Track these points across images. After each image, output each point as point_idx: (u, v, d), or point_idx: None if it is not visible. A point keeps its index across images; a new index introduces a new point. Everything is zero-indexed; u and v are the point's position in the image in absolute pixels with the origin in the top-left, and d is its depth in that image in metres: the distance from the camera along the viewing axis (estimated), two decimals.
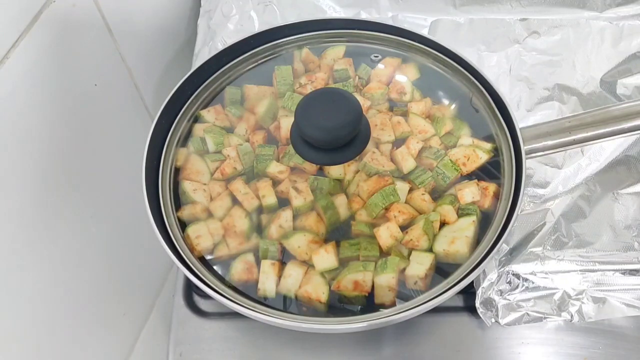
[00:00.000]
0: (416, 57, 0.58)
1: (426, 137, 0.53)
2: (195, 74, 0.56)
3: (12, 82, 0.50)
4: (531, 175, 0.60)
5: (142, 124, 0.73)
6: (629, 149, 0.62)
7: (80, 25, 0.58)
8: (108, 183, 0.68)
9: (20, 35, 0.50)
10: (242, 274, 0.48)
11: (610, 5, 0.75)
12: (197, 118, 0.56)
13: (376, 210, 0.49)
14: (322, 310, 0.47)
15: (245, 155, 0.53)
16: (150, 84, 0.74)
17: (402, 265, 0.47)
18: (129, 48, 0.67)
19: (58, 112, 0.57)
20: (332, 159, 0.48)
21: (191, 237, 0.50)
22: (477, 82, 0.55)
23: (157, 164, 0.53)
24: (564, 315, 0.53)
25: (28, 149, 0.54)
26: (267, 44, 0.59)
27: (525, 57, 0.70)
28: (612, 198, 0.59)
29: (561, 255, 0.55)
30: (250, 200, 0.50)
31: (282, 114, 0.55)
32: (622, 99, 0.66)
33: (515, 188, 0.49)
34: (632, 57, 0.69)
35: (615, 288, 0.54)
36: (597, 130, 0.52)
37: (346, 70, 0.57)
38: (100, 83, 0.63)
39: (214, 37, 0.75)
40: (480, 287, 0.54)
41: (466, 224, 0.48)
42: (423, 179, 0.51)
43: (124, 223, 0.73)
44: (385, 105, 0.56)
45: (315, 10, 0.77)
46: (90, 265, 0.67)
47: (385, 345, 0.56)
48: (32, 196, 0.55)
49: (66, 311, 0.64)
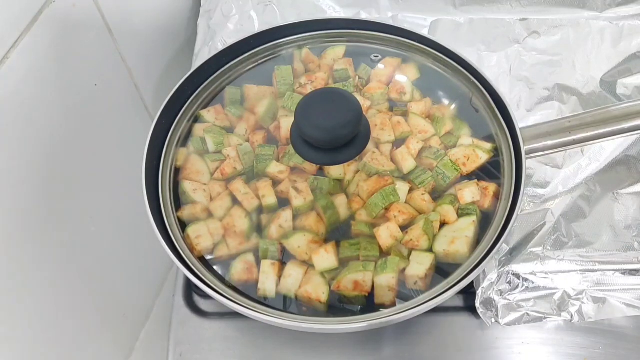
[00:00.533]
0: (416, 57, 0.58)
1: (426, 137, 0.53)
2: (195, 74, 0.56)
3: (12, 82, 0.50)
4: (531, 175, 0.60)
5: (142, 124, 0.73)
6: (629, 149, 0.62)
7: (80, 25, 0.58)
8: (108, 183, 0.68)
9: (20, 35, 0.50)
10: (242, 274, 0.48)
11: (610, 5, 0.75)
12: (197, 118, 0.56)
13: (376, 210, 0.49)
14: (322, 310, 0.47)
15: (245, 155, 0.53)
16: (150, 84, 0.74)
17: (402, 265, 0.47)
18: (129, 48, 0.67)
19: (58, 112, 0.57)
20: (332, 159, 0.48)
21: (191, 237, 0.50)
22: (477, 82, 0.55)
23: (157, 164, 0.53)
24: (564, 315, 0.53)
25: (28, 148, 0.54)
26: (267, 44, 0.59)
27: (525, 57, 0.70)
28: (612, 198, 0.59)
29: (561, 255, 0.55)
30: (250, 200, 0.50)
31: (282, 114, 0.55)
32: (622, 99, 0.66)
33: (515, 188, 0.49)
34: (632, 57, 0.69)
35: (615, 288, 0.54)
36: (597, 130, 0.52)
37: (346, 70, 0.57)
38: (100, 83, 0.63)
39: (214, 37, 0.75)
40: (480, 287, 0.54)
41: (466, 224, 0.48)
42: (423, 179, 0.51)
43: (124, 223, 0.73)
44: (385, 105, 0.56)
45: (315, 10, 0.77)
46: (90, 265, 0.67)
47: (385, 345, 0.56)
48: (32, 196, 0.55)
49: (66, 311, 0.64)
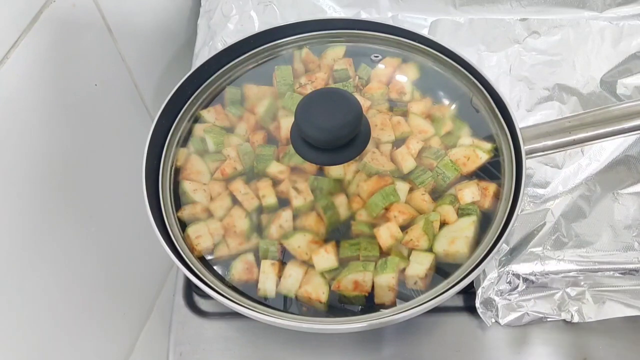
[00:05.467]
0: (416, 57, 0.58)
1: (426, 137, 0.53)
2: (195, 74, 0.56)
3: (12, 82, 0.50)
4: (531, 175, 0.60)
5: (142, 124, 0.73)
6: (629, 149, 0.62)
7: (80, 25, 0.58)
8: (108, 183, 0.68)
9: (20, 35, 0.50)
10: (242, 274, 0.48)
11: (610, 5, 0.75)
12: (197, 118, 0.56)
13: (376, 210, 0.49)
14: (322, 310, 0.47)
15: (245, 155, 0.53)
16: (150, 84, 0.74)
17: (402, 265, 0.47)
18: (129, 48, 0.67)
19: (58, 112, 0.57)
20: (332, 159, 0.48)
21: (191, 237, 0.50)
22: (477, 82, 0.55)
23: (157, 164, 0.53)
24: (564, 315, 0.53)
25: (28, 148, 0.54)
26: (267, 44, 0.59)
27: (525, 57, 0.70)
28: (612, 198, 0.59)
29: (561, 255, 0.54)
30: (250, 200, 0.50)
31: (282, 114, 0.55)
32: (622, 99, 0.66)
33: (516, 188, 0.49)
34: (632, 57, 0.69)
35: (615, 288, 0.54)
36: (597, 130, 0.51)
37: (346, 70, 0.57)
38: (100, 83, 0.63)
39: (214, 37, 0.75)
40: (480, 287, 0.54)
41: (466, 224, 0.48)
42: (423, 179, 0.51)
43: (124, 223, 0.73)
44: (385, 105, 0.56)
45: (315, 10, 0.77)
46: (90, 265, 0.67)
47: (385, 345, 0.55)
48: (31, 196, 0.55)
49: (66, 311, 0.64)
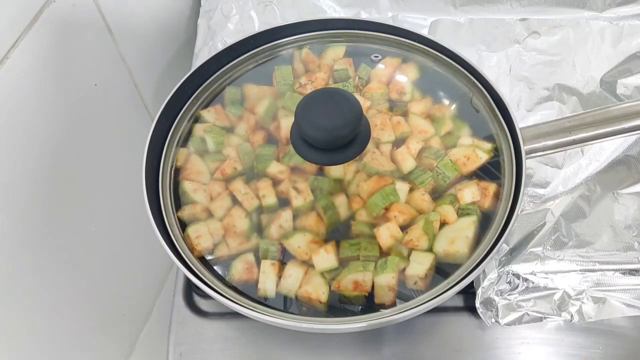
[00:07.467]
0: (416, 57, 0.58)
1: (426, 137, 0.53)
2: (195, 74, 0.56)
3: (12, 82, 0.50)
4: (531, 175, 0.60)
5: (142, 124, 0.73)
6: (629, 149, 0.62)
7: (80, 25, 0.58)
8: (108, 183, 0.68)
9: (20, 35, 0.50)
10: (242, 274, 0.48)
11: (610, 5, 0.75)
12: (197, 118, 0.56)
13: (376, 210, 0.49)
14: (322, 310, 0.47)
15: (245, 155, 0.53)
16: (150, 84, 0.74)
17: (402, 265, 0.47)
18: (129, 48, 0.67)
19: (58, 112, 0.57)
20: (332, 159, 0.48)
21: (191, 237, 0.50)
22: (477, 82, 0.55)
23: (157, 164, 0.53)
24: (564, 315, 0.53)
25: (28, 148, 0.54)
26: (267, 44, 0.59)
27: (525, 57, 0.70)
28: (612, 198, 0.59)
29: (561, 255, 0.55)
30: (250, 200, 0.50)
31: (282, 114, 0.55)
32: (622, 99, 0.66)
33: (516, 188, 0.49)
34: (632, 57, 0.69)
35: (615, 288, 0.54)
36: (597, 130, 0.51)
37: (346, 70, 0.57)
38: (100, 83, 0.63)
39: (214, 37, 0.75)
40: (480, 287, 0.54)
41: (466, 224, 0.48)
42: (423, 179, 0.51)
43: (124, 223, 0.73)
44: (385, 105, 0.56)
45: (315, 10, 0.77)
46: (90, 265, 0.67)
47: (385, 345, 0.55)
48: (31, 196, 0.55)
49: (66, 311, 0.64)
